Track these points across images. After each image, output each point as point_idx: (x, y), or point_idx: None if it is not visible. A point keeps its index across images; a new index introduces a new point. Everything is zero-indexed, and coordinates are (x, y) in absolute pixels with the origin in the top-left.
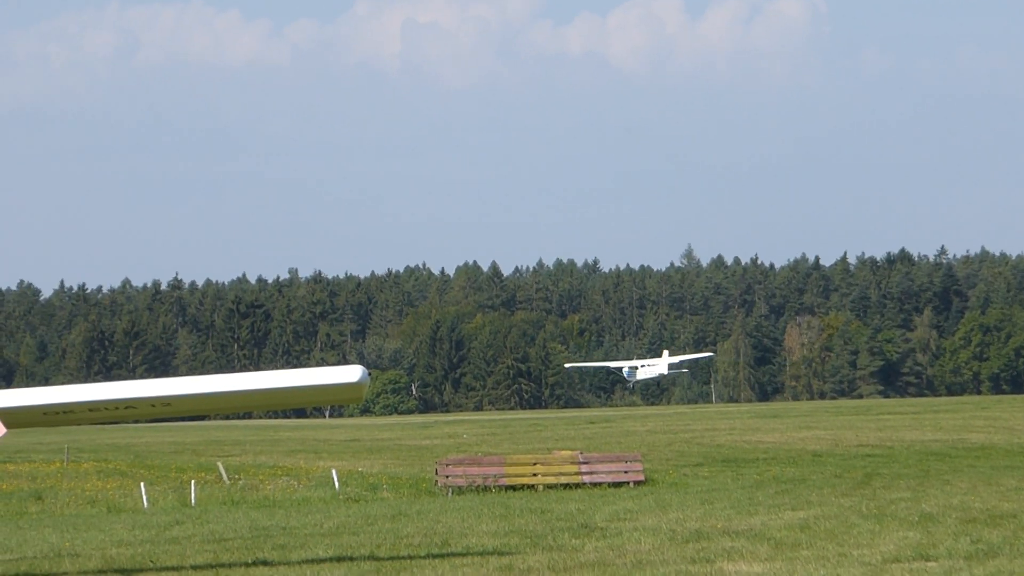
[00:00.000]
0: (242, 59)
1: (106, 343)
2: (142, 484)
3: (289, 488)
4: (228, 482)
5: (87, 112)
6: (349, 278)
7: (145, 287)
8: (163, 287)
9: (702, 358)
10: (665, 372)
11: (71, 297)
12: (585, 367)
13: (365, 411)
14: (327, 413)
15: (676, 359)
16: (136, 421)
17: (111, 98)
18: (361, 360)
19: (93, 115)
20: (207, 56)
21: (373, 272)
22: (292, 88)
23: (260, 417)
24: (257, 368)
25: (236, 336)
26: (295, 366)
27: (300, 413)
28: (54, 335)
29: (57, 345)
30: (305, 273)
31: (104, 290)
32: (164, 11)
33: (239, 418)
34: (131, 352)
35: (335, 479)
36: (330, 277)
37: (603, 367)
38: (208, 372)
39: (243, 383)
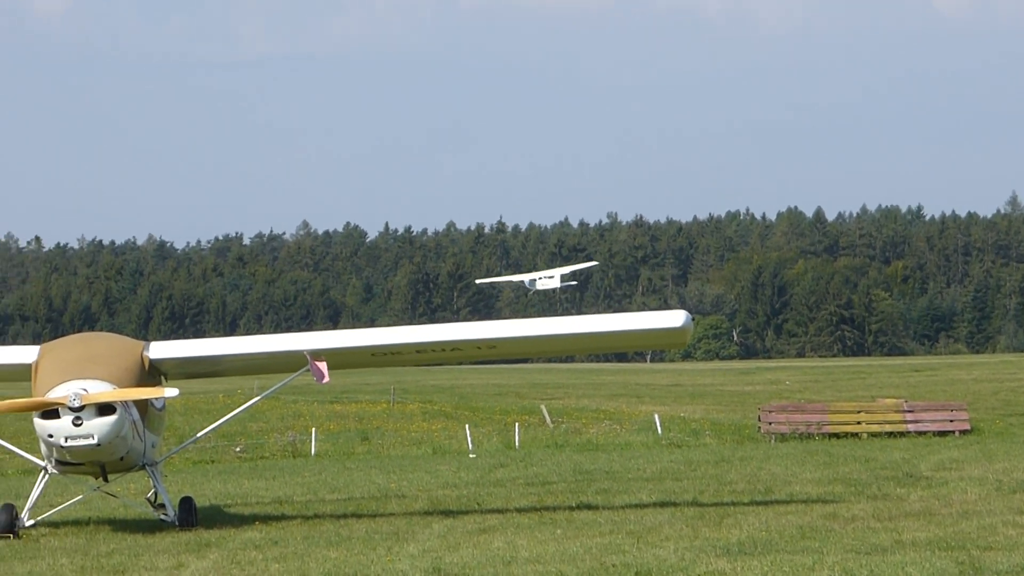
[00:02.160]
0: (562, 2)
1: (431, 285)
2: (467, 426)
3: (611, 432)
4: (551, 425)
5: (410, 55)
6: (670, 223)
7: (469, 230)
8: (487, 230)
9: (588, 267)
10: (559, 285)
11: (396, 239)
12: (493, 282)
13: (686, 356)
14: (648, 357)
15: (567, 270)
16: (460, 363)
17: (434, 41)
18: (682, 305)
19: (416, 58)
20: None
21: (695, 217)
22: (612, 31)
23: (581, 361)
24: (578, 312)
25: None
26: (616, 310)
27: (621, 357)
28: (380, 277)
29: (383, 287)
30: (626, 217)
31: (429, 232)
32: None
33: (561, 361)
34: (455, 294)
35: (657, 424)
36: (651, 222)
37: (507, 281)
38: (530, 316)
39: (568, 327)
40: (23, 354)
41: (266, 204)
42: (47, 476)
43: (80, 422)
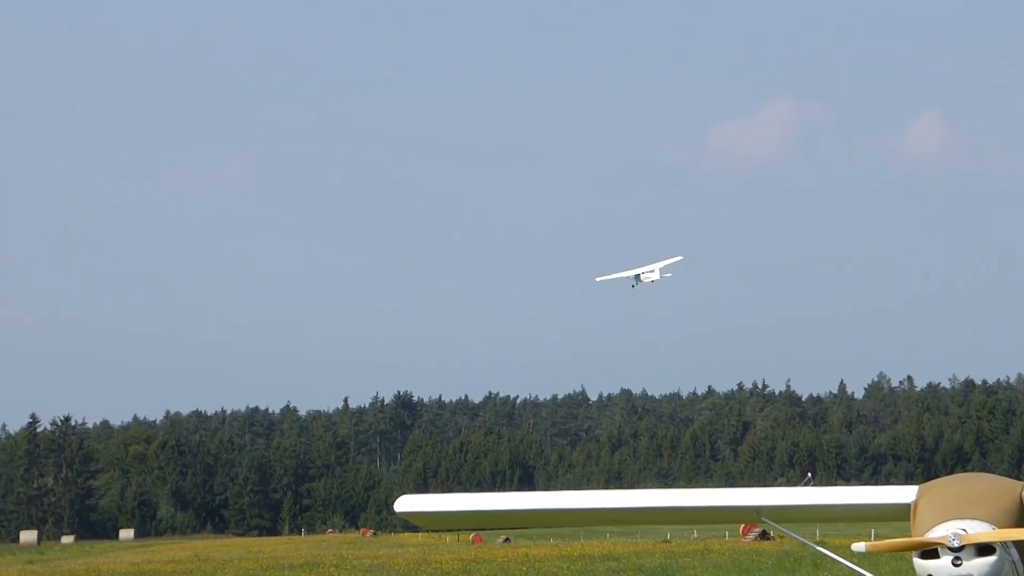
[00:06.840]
0: None
1: None
2: None
3: None
4: None
5: None
6: None
7: None
8: None
9: (675, 261)
10: (658, 277)
11: None
12: (608, 279)
13: None
14: None
15: (663, 263)
16: None
17: None
18: None
19: None
20: None
21: None
22: None
23: None
24: None
25: None
26: None
27: None
28: None
29: None
30: None
31: None
32: None
33: None
34: None
35: None
36: None
37: (618, 277)
38: None
39: None
40: (901, 494)
41: None
42: None
43: (959, 562)
